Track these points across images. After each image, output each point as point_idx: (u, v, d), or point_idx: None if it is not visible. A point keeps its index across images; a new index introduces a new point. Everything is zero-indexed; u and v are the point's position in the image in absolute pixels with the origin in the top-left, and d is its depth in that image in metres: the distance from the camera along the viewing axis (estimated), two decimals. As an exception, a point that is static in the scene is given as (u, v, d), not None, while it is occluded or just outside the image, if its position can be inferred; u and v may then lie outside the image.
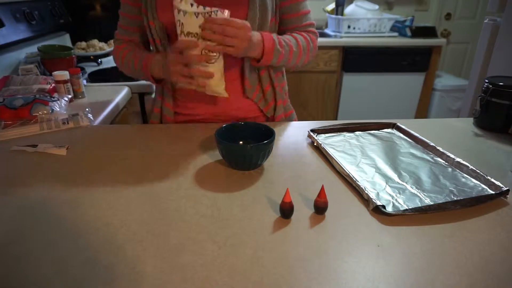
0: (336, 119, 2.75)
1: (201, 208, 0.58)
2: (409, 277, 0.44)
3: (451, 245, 0.50)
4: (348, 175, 0.65)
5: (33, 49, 1.56)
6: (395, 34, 2.62)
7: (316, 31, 0.96)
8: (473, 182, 0.65)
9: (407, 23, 2.64)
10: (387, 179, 0.66)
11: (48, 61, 1.39)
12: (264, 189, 0.63)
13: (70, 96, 1.16)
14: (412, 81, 2.63)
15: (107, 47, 1.93)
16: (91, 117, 0.98)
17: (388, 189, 0.63)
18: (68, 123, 0.92)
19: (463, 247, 0.50)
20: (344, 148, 0.79)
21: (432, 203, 0.58)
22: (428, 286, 0.43)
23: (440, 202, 0.58)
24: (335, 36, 2.53)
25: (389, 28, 2.62)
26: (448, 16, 3.05)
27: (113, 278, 0.44)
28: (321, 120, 1.66)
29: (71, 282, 0.44)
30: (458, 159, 0.71)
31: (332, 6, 2.70)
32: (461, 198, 0.60)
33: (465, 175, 0.67)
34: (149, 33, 0.88)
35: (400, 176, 0.67)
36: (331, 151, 0.75)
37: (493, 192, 0.61)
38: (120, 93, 1.32)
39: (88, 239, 0.51)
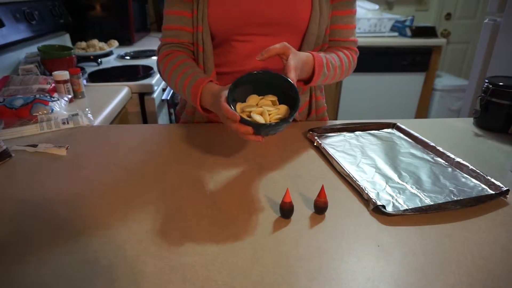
0: (336, 119, 2.75)
1: (201, 208, 0.58)
2: (409, 277, 0.44)
3: (451, 245, 0.50)
4: (348, 175, 0.65)
5: (33, 49, 1.56)
6: (395, 34, 2.62)
7: (357, 49, 0.92)
8: (473, 182, 0.65)
9: (407, 23, 2.64)
10: (387, 179, 0.66)
11: (48, 61, 1.39)
12: (264, 189, 0.63)
13: (70, 96, 1.16)
14: (412, 81, 2.63)
15: (107, 47, 1.93)
16: (91, 117, 0.98)
17: (388, 189, 0.63)
18: (68, 123, 0.92)
19: (463, 247, 0.50)
20: (344, 148, 0.79)
21: (432, 203, 0.58)
22: (428, 286, 0.43)
23: (440, 202, 0.58)
24: (335, 36, 2.53)
25: (389, 28, 2.62)
26: (448, 16, 3.05)
27: (113, 278, 0.44)
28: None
29: (71, 282, 0.44)
30: (458, 159, 0.71)
31: (332, 6, 2.70)
32: (461, 198, 0.60)
33: (465, 175, 0.67)
34: (194, 37, 0.84)
35: (400, 176, 0.67)
36: (331, 151, 0.75)
37: (493, 192, 0.61)
38: (120, 93, 1.32)
39: (88, 239, 0.51)
